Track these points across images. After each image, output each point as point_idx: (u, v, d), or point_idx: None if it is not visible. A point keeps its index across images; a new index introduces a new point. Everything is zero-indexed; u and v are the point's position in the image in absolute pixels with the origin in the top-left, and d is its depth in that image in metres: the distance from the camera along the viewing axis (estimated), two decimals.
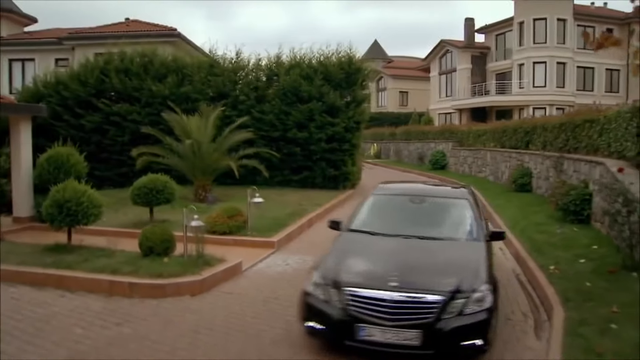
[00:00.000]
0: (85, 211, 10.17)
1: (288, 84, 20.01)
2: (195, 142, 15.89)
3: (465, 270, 6.31)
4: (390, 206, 8.40)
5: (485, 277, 6.21)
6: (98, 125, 20.21)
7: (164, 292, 8.27)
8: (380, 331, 5.68)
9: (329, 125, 19.83)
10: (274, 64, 20.94)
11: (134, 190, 12.86)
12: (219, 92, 20.27)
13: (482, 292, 5.94)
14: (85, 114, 20.31)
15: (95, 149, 19.79)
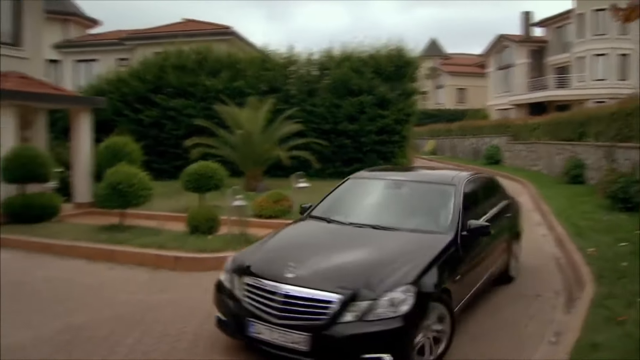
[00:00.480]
0: (136, 192, 10.74)
1: (339, 77, 20.32)
2: (246, 132, 16.35)
3: (388, 267, 5.17)
4: (364, 191, 7.43)
5: (412, 277, 5.01)
6: (155, 119, 21.00)
7: (206, 265, 8.63)
8: (268, 329, 4.92)
9: (379, 118, 20.05)
10: (325, 58, 21.28)
11: (185, 176, 13.36)
12: (271, 86, 20.75)
13: (396, 295, 4.81)
14: (144, 109, 21.15)
15: (153, 142, 20.54)
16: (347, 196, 7.33)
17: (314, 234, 6.49)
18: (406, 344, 4.80)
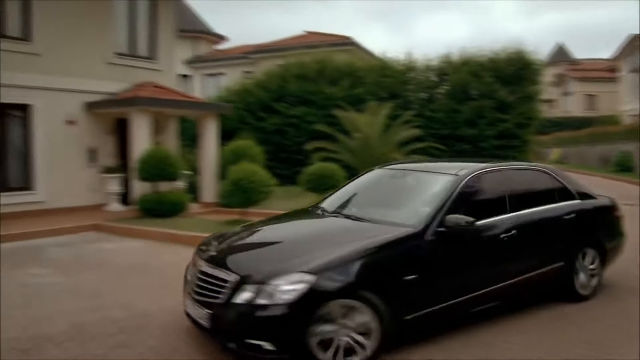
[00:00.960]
0: (257, 189, 11.36)
1: (457, 82, 20.28)
2: (364, 136, 16.68)
3: (300, 255, 4.99)
4: (372, 183, 7.13)
5: (312, 267, 4.71)
6: (278, 127, 21.79)
7: None
8: (192, 304, 5.17)
9: (499, 122, 19.78)
10: (444, 64, 21.30)
11: (305, 176, 13.88)
12: (390, 92, 20.99)
13: (281, 282, 4.62)
14: (267, 117, 22.02)
15: (276, 149, 21.31)
16: (355, 187, 7.16)
17: (287, 221, 6.75)
18: (293, 335, 4.57)
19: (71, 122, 14.89)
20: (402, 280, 5.02)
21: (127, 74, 16.03)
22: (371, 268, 4.93)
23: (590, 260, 6.95)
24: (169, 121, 17.23)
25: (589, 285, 6.89)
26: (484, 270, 5.84)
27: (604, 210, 7.51)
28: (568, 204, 6.91)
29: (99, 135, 15.50)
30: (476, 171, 6.26)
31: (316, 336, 4.59)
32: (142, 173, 13.06)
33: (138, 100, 14.30)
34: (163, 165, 12.96)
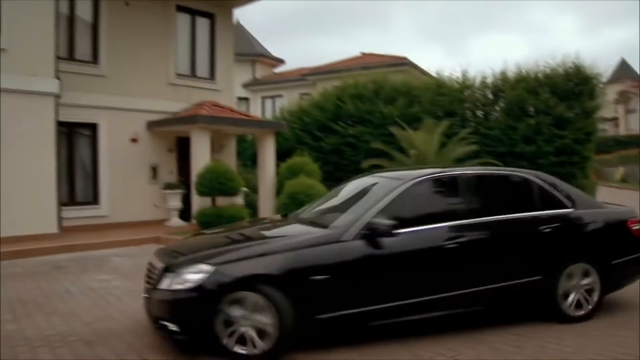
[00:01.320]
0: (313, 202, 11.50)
1: (514, 99, 20.07)
2: (420, 153, 16.73)
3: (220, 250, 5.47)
4: (348, 190, 7.05)
5: (216, 260, 5.14)
6: (335, 146, 21.93)
7: None
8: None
9: (557, 138, 19.45)
10: (500, 81, 21.15)
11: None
12: (446, 111, 20.90)
13: (185, 270, 5.09)
14: (324, 137, 22.21)
15: (333, 168, 21.45)
16: (334, 194, 7.42)
17: (255, 225, 7.23)
18: (194, 320, 4.99)
19: (134, 140, 15.49)
20: (309, 280, 5.16)
21: (188, 94, 16.61)
22: (275, 266, 5.14)
23: (584, 278, 6.18)
24: (227, 140, 17.71)
25: (582, 306, 6.15)
26: (420, 277, 5.67)
27: (610, 222, 6.63)
28: (550, 212, 6.32)
29: (160, 153, 16.07)
30: (424, 176, 6.18)
31: (221, 323, 4.95)
32: (201, 187, 13.44)
33: (198, 117, 14.78)
34: (222, 179, 13.30)
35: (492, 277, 5.85)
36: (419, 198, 5.98)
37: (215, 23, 17.82)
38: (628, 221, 6.61)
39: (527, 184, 6.53)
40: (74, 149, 14.72)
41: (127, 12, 15.55)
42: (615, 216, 6.75)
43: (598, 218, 6.57)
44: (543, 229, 6.13)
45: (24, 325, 6.22)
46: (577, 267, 6.16)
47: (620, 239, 6.56)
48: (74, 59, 14.57)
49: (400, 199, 5.79)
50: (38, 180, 12.47)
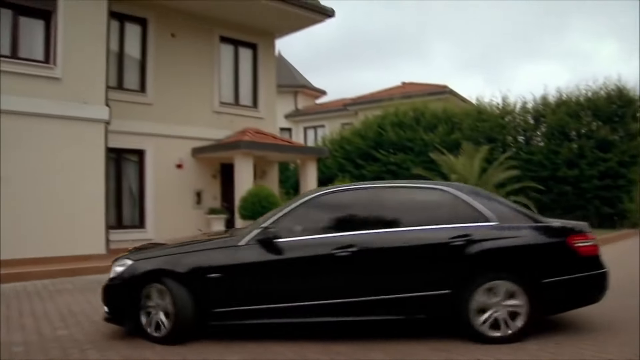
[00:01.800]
0: None
1: (555, 123, 20.07)
2: (461, 177, 16.75)
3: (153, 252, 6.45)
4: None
5: (134, 257, 6.28)
6: (377, 174, 22.14)
7: None
8: None
9: (601, 161, 19.32)
10: (541, 105, 21.15)
11: None
12: (487, 136, 21.00)
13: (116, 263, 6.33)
14: (366, 165, 22.47)
15: None
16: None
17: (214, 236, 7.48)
18: (118, 304, 6.15)
19: (180, 166, 15.92)
20: (206, 277, 5.88)
21: (231, 122, 17.07)
22: (179, 264, 5.98)
23: (507, 295, 5.70)
24: (270, 167, 18.06)
25: (506, 326, 5.68)
26: (309, 283, 5.95)
27: (543, 238, 6.08)
28: (464, 226, 5.96)
29: (204, 179, 16.47)
30: (322, 191, 6.61)
31: (142, 310, 6.00)
32: (244, 211, 13.71)
33: (241, 143, 15.16)
34: (265, 203, 13.54)
35: (391, 287, 5.86)
36: (320, 210, 6.30)
37: (257, 53, 18.32)
38: (569, 237, 5.94)
39: (443, 197, 6.32)
40: (121, 174, 15.22)
41: (173, 43, 16.14)
42: (551, 232, 6.12)
43: (527, 233, 6.01)
44: (453, 242, 5.82)
45: (73, 331, 6.54)
46: (497, 284, 5.71)
47: (555, 256, 5.98)
48: (122, 88, 15.15)
49: (300, 211, 6.24)
50: (88, 203, 12.90)
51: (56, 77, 12.63)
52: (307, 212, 6.25)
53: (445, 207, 6.20)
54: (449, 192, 6.33)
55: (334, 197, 6.43)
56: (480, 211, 6.06)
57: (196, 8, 16.25)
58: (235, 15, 17.02)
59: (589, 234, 6.03)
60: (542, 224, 6.15)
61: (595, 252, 5.99)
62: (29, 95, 12.17)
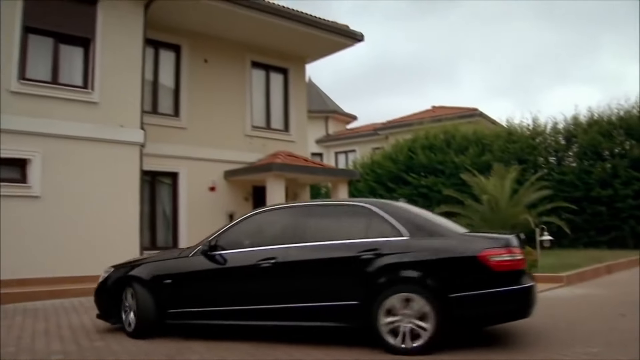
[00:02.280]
0: None
1: (587, 143, 19.92)
2: (492, 198, 16.70)
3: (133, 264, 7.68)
4: None
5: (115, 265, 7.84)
6: (408, 197, 22.11)
7: None
8: None
9: (636, 181, 19.07)
10: (572, 125, 21.03)
11: None
12: (518, 157, 20.90)
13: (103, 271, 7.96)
14: (397, 188, 22.52)
15: None
16: None
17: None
18: (104, 305, 7.64)
19: (212, 189, 16.18)
20: (161, 282, 7.02)
21: (263, 145, 17.32)
22: (144, 271, 7.25)
23: (414, 308, 5.76)
24: (301, 189, 18.24)
25: (413, 338, 5.75)
26: (238, 289, 6.78)
27: (454, 252, 5.99)
28: (375, 240, 6.21)
29: (237, 201, 16.69)
30: (256, 209, 7.80)
31: (122, 309, 7.28)
32: None
33: (273, 166, 15.36)
34: None
35: (306, 296, 6.32)
36: (254, 227, 7.18)
37: (288, 77, 18.64)
38: (483, 252, 5.77)
39: (359, 213, 6.67)
40: (156, 196, 15.52)
41: (206, 69, 16.53)
42: (462, 246, 6.02)
43: (436, 247, 6.03)
44: (362, 256, 6.06)
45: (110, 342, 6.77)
46: (404, 297, 5.81)
47: (464, 270, 5.92)
48: (157, 112, 15.53)
49: (238, 227, 7.13)
50: (123, 224, 13.20)
51: (94, 101, 13.07)
52: (244, 229, 7.12)
53: (361, 223, 6.57)
54: (366, 207, 6.65)
55: (265, 215, 7.40)
56: (393, 226, 6.26)
57: (228, 34, 16.67)
58: (266, 41, 17.39)
59: (514, 249, 5.85)
60: (454, 238, 6.18)
61: (516, 267, 5.84)
62: (68, 119, 12.63)
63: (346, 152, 34.17)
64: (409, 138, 24.57)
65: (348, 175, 17.85)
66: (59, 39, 12.98)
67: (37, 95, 12.38)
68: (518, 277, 5.86)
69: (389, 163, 23.38)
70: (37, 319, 8.71)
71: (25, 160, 12.15)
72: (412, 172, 22.59)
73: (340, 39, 17.87)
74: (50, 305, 10.20)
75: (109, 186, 13.07)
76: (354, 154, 33.18)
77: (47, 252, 12.04)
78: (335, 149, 34.61)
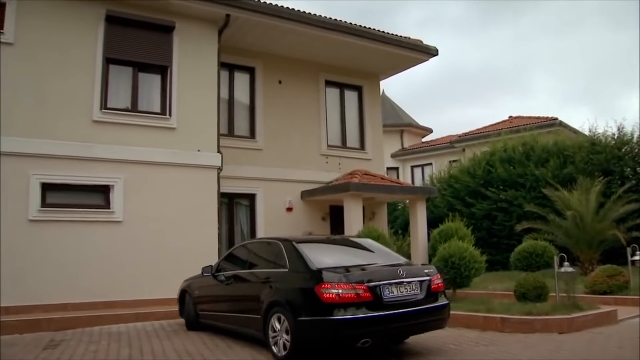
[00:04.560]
0: (467, 265, 11.41)
1: None
2: (576, 213, 16.02)
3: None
4: None
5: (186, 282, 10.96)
6: (487, 212, 21.54)
7: (533, 327, 8.86)
8: None
9: None
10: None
11: (515, 254, 13.60)
12: (602, 169, 19.90)
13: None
14: (475, 203, 21.92)
15: (486, 234, 21.05)
16: None
17: None
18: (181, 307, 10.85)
19: (289, 209, 16.18)
20: (194, 294, 10.25)
21: (339, 164, 17.24)
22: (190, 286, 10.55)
23: (281, 325, 7.28)
24: (379, 208, 18.04)
25: (284, 349, 7.16)
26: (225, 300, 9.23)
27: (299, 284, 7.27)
28: (269, 270, 8.15)
29: (314, 221, 16.64)
30: (241, 243, 10.75)
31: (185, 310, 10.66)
32: None
33: (350, 185, 15.19)
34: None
35: (241, 308, 8.54)
36: (235, 256, 9.73)
37: (363, 94, 18.54)
38: (317, 285, 6.81)
39: (274, 248, 8.34)
40: (234, 217, 15.67)
41: (280, 90, 16.64)
42: (307, 279, 7.10)
43: (293, 279, 7.44)
44: (263, 282, 7.97)
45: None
46: (279, 317, 7.32)
47: (305, 299, 7.01)
48: (233, 135, 15.70)
49: (230, 256, 9.88)
50: (203, 247, 13.32)
51: (172, 127, 13.33)
52: (229, 258, 9.82)
53: (273, 255, 8.24)
54: (277, 244, 8.33)
55: (240, 248, 9.88)
56: (285, 259, 7.82)
57: (302, 55, 16.77)
58: (340, 59, 17.39)
59: (344, 284, 6.74)
60: (305, 273, 7.24)
61: (343, 300, 6.67)
62: (147, 145, 13.00)
63: (422, 165, 33.72)
64: (486, 151, 23.90)
65: (426, 192, 17.48)
66: (137, 68, 13.36)
67: (118, 123, 12.80)
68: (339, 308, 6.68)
69: (467, 177, 22.78)
70: (121, 343, 8.97)
71: (108, 187, 12.51)
72: (491, 186, 21.95)
73: (415, 54, 17.64)
74: (133, 329, 10.55)
75: (188, 209, 13.27)
76: (430, 167, 32.71)
77: (131, 275, 12.41)
78: (411, 163, 34.21)
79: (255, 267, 8.68)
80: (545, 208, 18.06)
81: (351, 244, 9.22)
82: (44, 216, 11.74)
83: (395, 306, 6.90)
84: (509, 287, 13.87)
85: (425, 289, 7.31)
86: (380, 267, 7.61)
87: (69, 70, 12.32)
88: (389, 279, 7.03)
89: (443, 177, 24.10)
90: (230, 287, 8.96)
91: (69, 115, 12.21)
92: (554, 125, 27.33)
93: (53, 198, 11.96)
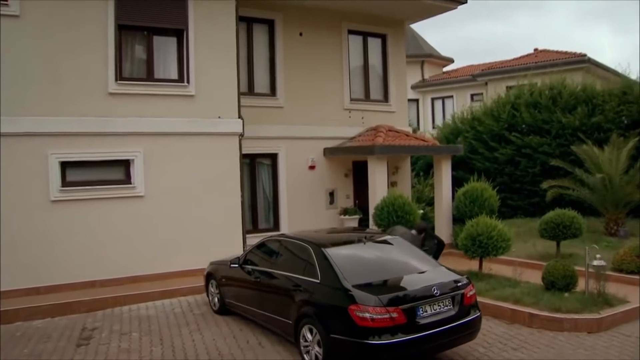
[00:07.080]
0: (495, 244, 11.21)
1: None
2: (606, 175, 15.53)
3: None
4: None
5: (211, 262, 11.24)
6: (510, 157, 21.04)
7: (561, 326, 8.78)
8: None
9: None
10: None
11: (542, 224, 13.37)
12: (634, 120, 19.10)
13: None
14: (498, 147, 21.38)
15: (508, 179, 20.71)
16: None
17: None
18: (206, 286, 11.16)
19: (312, 167, 15.92)
20: (221, 280, 10.29)
21: (362, 118, 16.80)
22: (214, 271, 10.75)
23: (312, 337, 7.30)
24: (403, 162, 17.74)
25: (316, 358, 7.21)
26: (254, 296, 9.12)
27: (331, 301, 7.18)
28: (302, 278, 7.84)
29: (336, 178, 16.42)
30: (266, 238, 9.83)
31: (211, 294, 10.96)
32: (380, 220, 13.51)
33: (375, 149, 14.75)
34: (400, 212, 13.28)
35: (273, 310, 8.41)
36: (264, 251, 9.42)
37: (387, 43, 17.82)
38: (350, 306, 6.73)
39: (303, 252, 8.20)
40: (255, 178, 15.45)
41: (301, 43, 16.01)
42: (340, 299, 7.00)
43: (326, 294, 7.29)
44: (292, 287, 7.93)
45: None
46: (310, 328, 7.32)
47: (338, 318, 6.91)
48: (253, 93, 15.25)
49: (258, 248, 9.59)
50: (226, 215, 13.21)
51: (190, 94, 12.90)
52: (257, 251, 9.55)
53: (304, 260, 8.05)
54: (307, 248, 8.15)
55: (269, 243, 9.45)
56: (316, 268, 7.66)
57: (323, 4, 15.96)
58: (363, 7, 16.52)
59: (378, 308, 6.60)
60: (338, 290, 7.11)
61: (377, 325, 6.58)
62: (165, 115, 12.66)
63: (443, 98, 32.99)
64: (511, 92, 23.11)
65: (452, 151, 16.98)
66: (152, 33, 12.74)
67: (135, 94, 12.36)
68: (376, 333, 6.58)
69: (490, 120, 22.11)
70: (152, 336, 9.14)
71: (128, 161, 12.27)
72: (515, 131, 21.34)
73: (443, 3, 16.78)
74: (162, 311, 10.76)
75: (210, 178, 13.06)
76: (451, 100, 32.06)
77: (155, 249, 12.39)
78: (431, 95, 33.46)
79: (285, 268, 8.39)
80: (569, 157, 17.61)
81: (381, 247, 8.77)
82: (65, 196, 11.58)
83: (429, 326, 6.81)
84: (533, 254, 13.77)
85: (458, 303, 7.20)
86: (412, 279, 7.46)
87: (80, 40, 11.73)
88: (423, 299, 6.92)
89: (466, 118, 23.45)
90: (259, 283, 8.82)
91: (83, 89, 11.77)
92: (582, 62, 26.33)
93: (73, 176, 11.75)
